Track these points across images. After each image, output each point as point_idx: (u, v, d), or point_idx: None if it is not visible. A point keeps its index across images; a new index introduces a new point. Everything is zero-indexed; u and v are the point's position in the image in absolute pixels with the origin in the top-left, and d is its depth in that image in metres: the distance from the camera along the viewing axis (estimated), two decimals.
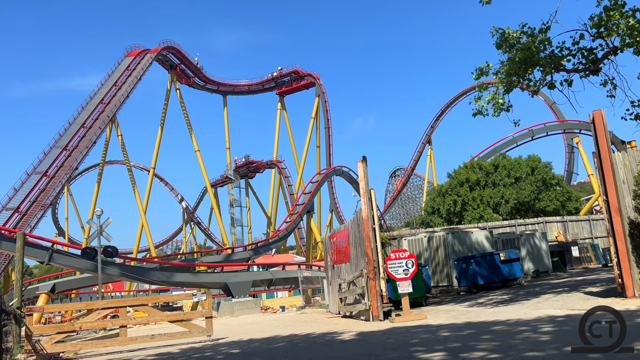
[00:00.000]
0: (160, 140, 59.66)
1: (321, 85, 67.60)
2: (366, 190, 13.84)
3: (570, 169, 59.50)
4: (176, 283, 34.11)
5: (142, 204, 56.66)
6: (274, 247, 52.04)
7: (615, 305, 10.43)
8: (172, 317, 13.82)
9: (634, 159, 12.08)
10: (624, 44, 11.33)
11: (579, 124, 50.05)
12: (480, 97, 12.87)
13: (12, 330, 11.65)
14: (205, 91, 69.85)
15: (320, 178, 57.26)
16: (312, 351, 9.19)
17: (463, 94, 68.18)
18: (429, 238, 22.29)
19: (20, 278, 13.00)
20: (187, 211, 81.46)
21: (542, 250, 24.47)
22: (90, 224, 25.22)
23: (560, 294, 14.08)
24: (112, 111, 47.35)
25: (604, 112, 11.87)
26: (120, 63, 54.36)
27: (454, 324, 10.79)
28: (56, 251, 29.09)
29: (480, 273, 18.60)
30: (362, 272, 13.56)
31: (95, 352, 12.77)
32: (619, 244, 11.36)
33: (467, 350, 7.20)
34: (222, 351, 10.67)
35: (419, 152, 71.36)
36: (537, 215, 35.94)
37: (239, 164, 73.42)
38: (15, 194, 37.69)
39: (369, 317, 13.32)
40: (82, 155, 42.28)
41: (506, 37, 12.13)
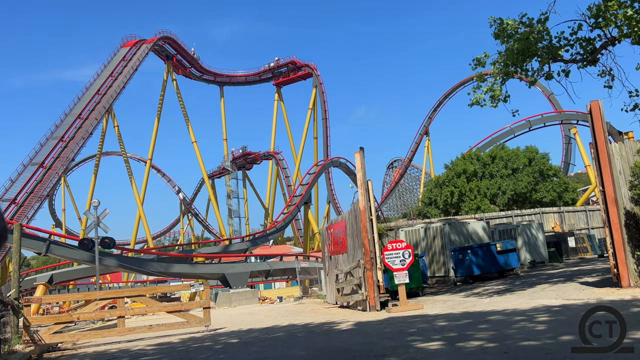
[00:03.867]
0: (157, 131, 59.42)
1: (318, 76, 67.30)
2: (363, 181, 13.84)
3: (567, 160, 59.56)
4: (174, 274, 34.15)
5: (139, 195, 56.53)
6: (271, 238, 52.11)
7: (610, 295, 10.52)
8: (170, 308, 13.85)
9: (630, 150, 12.11)
10: (622, 34, 11.30)
11: (577, 115, 50.03)
12: (478, 87, 12.85)
13: (10, 321, 11.68)
14: (202, 82, 69.44)
15: (318, 169, 57.22)
16: (310, 341, 9.24)
17: (461, 85, 68.04)
18: (426, 229, 22.35)
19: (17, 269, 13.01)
20: (185, 202, 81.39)
21: (538, 241, 24.58)
22: (88, 215, 25.19)
23: (556, 284, 14.17)
24: (108, 102, 47.08)
25: (601, 102, 11.87)
26: (116, 54, 53.93)
27: (450, 313, 10.85)
28: (53, 242, 29.03)
29: (477, 263, 18.68)
30: (359, 262, 13.60)
31: (94, 342, 12.80)
32: (614, 234, 11.42)
33: (463, 340, 7.25)
34: (221, 341, 10.73)
35: (417, 144, 71.31)
36: (534, 206, 36.05)
37: (236, 155, 73.21)
38: (11, 185, 37.56)
39: (366, 307, 13.38)
40: (79, 146, 42.10)
41: (504, 27, 12.08)
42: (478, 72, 12.97)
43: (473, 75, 13.13)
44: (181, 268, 33.41)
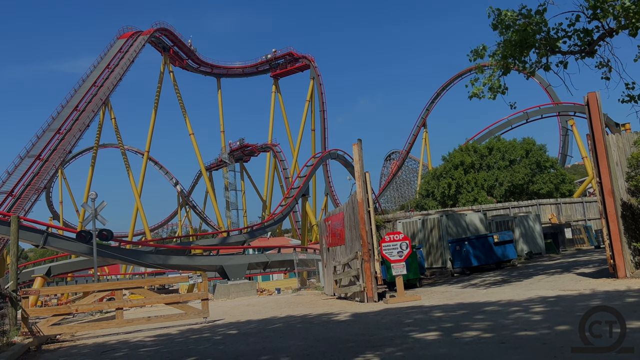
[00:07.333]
0: (154, 124, 59.25)
1: (316, 67, 67.04)
2: (361, 173, 13.85)
3: (564, 152, 59.68)
4: (172, 266, 34.18)
5: (136, 188, 56.44)
6: (269, 230, 52.13)
7: (605, 286, 10.59)
8: (168, 300, 13.88)
9: (627, 141, 12.14)
10: (620, 26, 11.29)
11: (574, 107, 50.05)
12: (476, 79, 12.85)
13: (8, 313, 11.72)
14: (199, 73, 69.11)
15: (315, 161, 57.17)
16: (308, 331, 9.29)
17: (458, 77, 67.85)
18: (423, 220, 22.42)
19: (15, 261, 13.00)
20: (182, 195, 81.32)
21: (535, 232, 24.68)
22: (85, 208, 25.15)
23: (553, 275, 14.26)
24: (105, 94, 46.84)
25: (598, 94, 11.88)
26: (113, 45, 53.57)
27: (447, 304, 10.92)
28: (51, 235, 28.98)
29: (474, 254, 18.76)
30: (357, 254, 13.64)
31: (92, 334, 12.84)
32: (611, 225, 11.47)
33: (460, 330, 7.30)
34: (219, 332, 10.77)
35: (414, 136, 71.25)
36: (531, 197, 36.17)
37: (234, 147, 73.06)
38: (8, 177, 37.44)
39: (364, 298, 13.45)
40: (76, 138, 41.91)
41: (502, 18, 12.05)
42: (476, 64, 12.95)
43: (471, 67, 13.16)
44: (179, 260, 33.43)
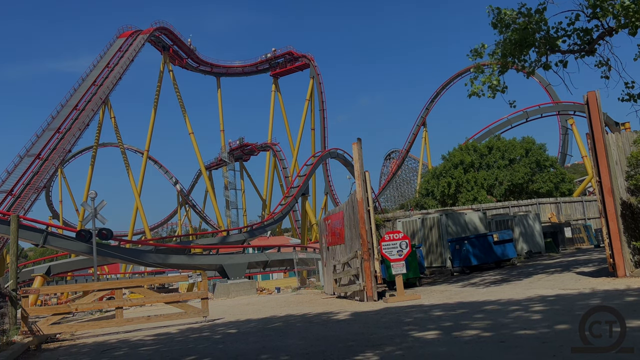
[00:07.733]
0: (154, 123, 59.25)
1: (316, 66, 67.01)
2: (361, 172, 13.85)
3: (564, 151, 59.68)
4: (172, 265, 34.20)
5: (136, 187, 56.44)
6: (269, 229, 52.15)
7: (605, 285, 10.59)
8: (168, 299, 13.88)
9: (627, 140, 12.14)
10: (619, 25, 11.29)
11: (574, 106, 50.05)
12: (476, 78, 12.84)
13: (8, 312, 11.72)
14: (199, 72, 69.07)
15: (315, 161, 57.16)
16: (308, 330, 9.29)
17: (458, 76, 67.82)
18: (423, 219, 22.41)
19: (15, 260, 13.01)
20: (182, 194, 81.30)
21: (535, 231, 24.68)
22: (85, 207, 25.14)
23: (553, 274, 14.26)
24: (104, 93, 46.83)
25: (598, 93, 11.88)
26: (112, 44, 53.53)
27: (447, 303, 10.92)
28: (51, 234, 29.01)
29: (474, 254, 18.77)
30: (357, 253, 13.64)
31: (92, 333, 12.85)
32: (611, 224, 11.48)
33: (459, 329, 7.31)
34: (219, 331, 10.78)
35: (414, 135, 71.24)
36: (531, 196, 36.15)
37: (234, 146, 73.03)
38: (8, 176, 37.44)
39: (364, 297, 13.45)
40: (75, 137, 41.91)
41: (502, 17, 12.05)
42: (476, 63, 12.94)
43: (471, 66, 13.11)
44: (179, 259, 33.46)
